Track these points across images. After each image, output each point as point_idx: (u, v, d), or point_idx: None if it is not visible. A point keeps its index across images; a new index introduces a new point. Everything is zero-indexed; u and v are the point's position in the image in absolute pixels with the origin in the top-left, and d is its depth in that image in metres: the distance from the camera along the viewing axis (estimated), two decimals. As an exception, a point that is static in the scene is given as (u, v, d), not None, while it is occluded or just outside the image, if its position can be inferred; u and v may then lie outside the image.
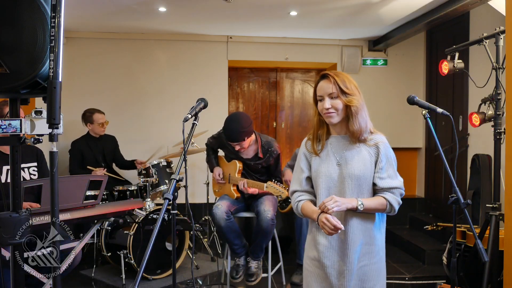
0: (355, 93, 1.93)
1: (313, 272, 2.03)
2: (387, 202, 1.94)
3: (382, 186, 1.94)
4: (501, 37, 3.02)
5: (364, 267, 1.97)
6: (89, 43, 5.43)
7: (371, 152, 1.96)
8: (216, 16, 4.68)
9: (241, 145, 3.34)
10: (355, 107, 1.91)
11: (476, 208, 3.95)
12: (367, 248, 1.97)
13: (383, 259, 2.04)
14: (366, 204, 1.91)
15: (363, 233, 1.96)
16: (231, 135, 3.31)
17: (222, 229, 3.33)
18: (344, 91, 1.92)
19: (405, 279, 4.10)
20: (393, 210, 1.97)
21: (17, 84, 1.53)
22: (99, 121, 4.62)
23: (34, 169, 3.16)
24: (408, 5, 4.18)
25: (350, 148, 1.97)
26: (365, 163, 1.94)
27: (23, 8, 1.50)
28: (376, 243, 1.99)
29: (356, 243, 1.94)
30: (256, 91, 6.15)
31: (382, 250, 2.03)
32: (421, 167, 5.88)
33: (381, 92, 5.76)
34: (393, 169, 1.98)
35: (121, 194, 4.32)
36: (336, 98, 1.92)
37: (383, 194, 1.95)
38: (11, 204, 1.64)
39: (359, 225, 1.95)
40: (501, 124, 3.05)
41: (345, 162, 1.95)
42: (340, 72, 2.00)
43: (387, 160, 1.96)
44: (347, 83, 1.94)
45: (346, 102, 1.91)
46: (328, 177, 1.97)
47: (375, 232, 1.99)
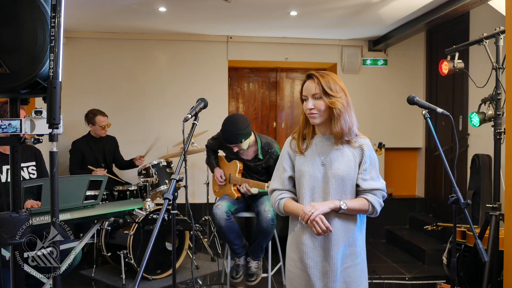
0: (339, 95, 1.92)
1: (295, 273, 2.03)
2: (369, 204, 1.96)
3: (364, 188, 1.96)
4: (501, 37, 3.02)
5: (348, 268, 1.98)
6: (89, 43, 5.43)
7: (356, 153, 1.97)
8: (216, 16, 4.68)
9: (239, 147, 3.35)
10: (337, 109, 1.91)
11: (476, 208, 3.95)
12: (350, 250, 1.98)
13: (365, 260, 2.06)
14: (349, 204, 1.92)
15: (345, 234, 1.97)
16: (228, 137, 3.32)
17: (222, 229, 3.33)
18: (328, 93, 1.91)
19: (405, 279, 4.10)
20: (375, 212, 1.98)
21: (17, 84, 1.53)
22: (101, 123, 4.62)
23: (33, 168, 3.16)
24: (408, 5, 4.18)
25: (335, 149, 1.97)
26: (349, 164, 1.95)
27: (23, 8, 1.50)
28: (358, 244, 2.01)
29: (339, 243, 1.96)
30: (256, 91, 6.15)
31: (363, 251, 2.05)
32: (421, 167, 5.88)
33: (381, 92, 5.75)
34: (375, 172, 1.99)
35: (121, 194, 4.32)
36: (319, 99, 1.93)
37: (365, 196, 1.97)
38: (11, 204, 1.64)
39: (341, 226, 1.96)
40: (501, 124, 3.05)
41: (329, 162, 1.96)
42: (327, 73, 1.98)
43: (371, 162, 1.98)
44: (332, 84, 1.93)
45: (329, 103, 1.91)
46: (312, 177, 1.98)
47: (356, 233, 2.00)
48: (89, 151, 4.64)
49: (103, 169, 4.53)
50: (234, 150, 3.40)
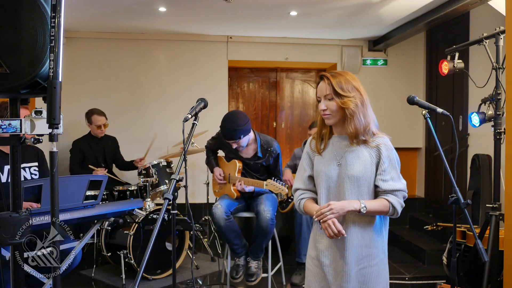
0: (352, 95, 1.91)
1: (313, 270, 2.05)
2: (390, 205, 1.93)
3: (384, 189, 1.94)
4: (501, 37, 3.02)
5: (363, 269, 1.96)
6: (89, 43, 5.43)
7: (372, 153, 1.95)
8: (216, 16, 4.68)
9: (238, 144, 3.35)
10: (349, 109, 1.90)
11: (476, 208, 3.95)
12: (367, 251, 1.96)
13: (385, 262, 2.03)
14: (369, 206, 1.90)
15: (361, 235, 1.96)
16: (227, 133, 3.33)
17: (222, 229, 3.33)
18: (339, 93, 1.90)
19: (405, 279, 4.10)
20: (396, 213, 1.96)
21: (17, 84, 1.53)
22: (97, 123, 4.60)
23: (35, 168, 3.16)
24: (408, 5, 4.18)
25: (351, 149, 1.96)
26: (365, 164, 1.93)
27: (23, 8, 1.50)
28: (376, 246, 1.98)
29: (354, 245, 1.94)
30: (256, 91, 6.15)
31: (383, 253, 2.03)
32: (421, 167, 5.88)
33: (381, 92, 5.75)
34: (396, 172, 1.97)
35: (121, 194, 4.31)
36: (331, 100, 1.92)
37: (386, 197, 1.94)
38: (11, 204, 1.64)
39: (358, 227, 1.95)
40: (501, 124, 3.05)
41: (345, 162, 1.95)
42: (340, 72, 1.97)
43: (390, 162, 1.95)
44: (344, 84, 1.91)
45: (340, 104, 1.91)
46: (328, 177, 1.98)
47: (375, 234, 1.98)
48: (90, 150, 4.64)
49: (103, 168, 4.53)
50: (233, 147, 3.40)
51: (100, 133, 4.68)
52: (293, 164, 4.49)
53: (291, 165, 4.48)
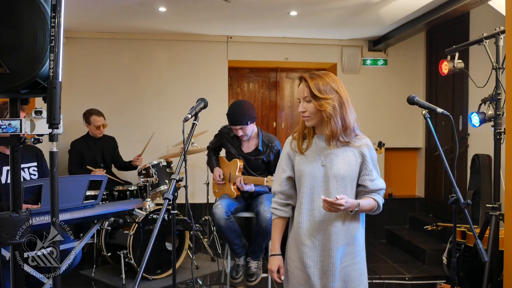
0: (330, 97, 1.90)
1: (294, 273, 2.03)
2: (376, 203, 1.99)
3: (372, 188, 1.98)
4: (501, 37, 3.02)
5: (347, 267, 1.98)
6: (89, 43, 5.43)
7: (356, 153, 1.97)
8: (216, 16, 4.68)
9: (244, 131, 3.36)
10: (326, 112, 1.90)
11: (476, 208, 3.95)
12: (349, 249, 1.98)
13: (364, 260, 2.07)
14: (362, 207, 1.93)
15: (346, 234, 1.97)
16: (234, 118, 3.34)
17: (222, 229, 3.33)
18: (316, 95, 1.90)
19: (405, 279, 4.10)
20: (379, 210, 2.02)
21: (17, 84, 1.53)
22: (95, 123, 4.59)
23: (34, 169, 3.16)
24: (408, 5, 4.18)
25: (335, 149, 1.96)
26: (350, 164, 1.95)
27: (23, 8, 1.50)
28: (357, 244, 2.01)
29: (339, 243, 1.96)
30: (256, 91, 6.15)
31: (363, 251, 2.06)
32: (421, 167, 5.88)
33: (381, 92, 5.75)
34: (377, 171, 2.02)
35: (121, 194, 4.31)
36: (309, 102, 1.93)
37: (373, 196, 1.98)
38: (11, 204, 1.64)
39: (343, 226, 1.96)
40: (501, 124, 3.05)
41: (330, 162, 1.96)
42: (319, 74, 1.96)
43: (373, 162, 1.99)
44: (322, 85, 1.91)
45: (318, 106, 1.91)
46: (312, 177, 1.98)
47: (357, 233, 2.01)
48: (88, 151, 4.62)
49: (102, 169, 4.52)
50: (238, 134, 3.39)
51: (99, 134, 4.67)
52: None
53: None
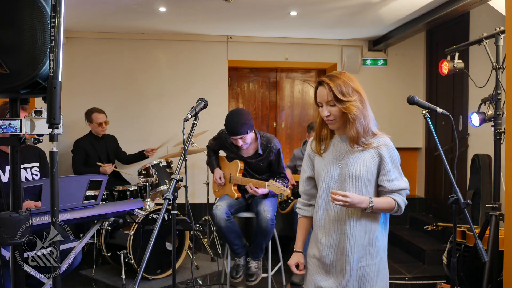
0: (353, 98, 1.89)
1: (313, 270, 2.05)
2: (396, 203, 1.95)
3: (391, 189, 1.95)
4: (501, 37, 3.02)
5: (363, 267, 1.96)
6: (89, 43, 5.43)
7: (374, 154, 1.95)
8: (216, 16, 4.68)
9: (244, 140, 3.33)
10: (352, 114, 1.89)
11: (476, 208, 3.95)
12: (368, 249, 1.97)
13: (384, 260, 2.04)
14: (376, 205, 1.91)
15: (364, 234, 1.96)
16: (233, 129, 3.29)
17: (222, 229, 3.33)
18: (340, 99, 1.89)
19: (405, 279, 4.10)
20: (400, 211, 1.99)
21: (17, 84, 1.53)
22: (98, 120, 4.64)
23: (37, 169, 3.16)
24: (408, 5, 4.18)
25: (352, 150, 1.96)
26: (367, 164, 1.93)
27: (23, 8, 1.50)
28: (377, 244, 1.99)
29: (356, 244, 1.94)
30: (256, 91, 6.15)
31: (384, 252, 2.03)
32: (421, 167, 5.88)
33: (381, 92, 5.75)
34: (398, 171, 1.98)
35: (121, 194, 4.32)
36: (334, 105, 1.91)
37: (392, 196, 1.96)
38: (11, 204, 1.64)
39: (361, 226, 1.95)
40: (501, 124, 3.05)
41: (346, 163, 1.95)
42: (337, 75, 1.94)
43: (392, 162, 1.96)
44: (344, 87, 1.89)
45: (343, 109, 1.89)
46: (328, 177, 1.98)
47: (377, 233, 1.98)
48: (92, 149, 4.67)
49: (111, 164, 4.57)
50: (239, 144, 3.36)
51: (102, 131, 4.70)
52: (293, 165, 4.49)
53: (291, 165, 4.48)
